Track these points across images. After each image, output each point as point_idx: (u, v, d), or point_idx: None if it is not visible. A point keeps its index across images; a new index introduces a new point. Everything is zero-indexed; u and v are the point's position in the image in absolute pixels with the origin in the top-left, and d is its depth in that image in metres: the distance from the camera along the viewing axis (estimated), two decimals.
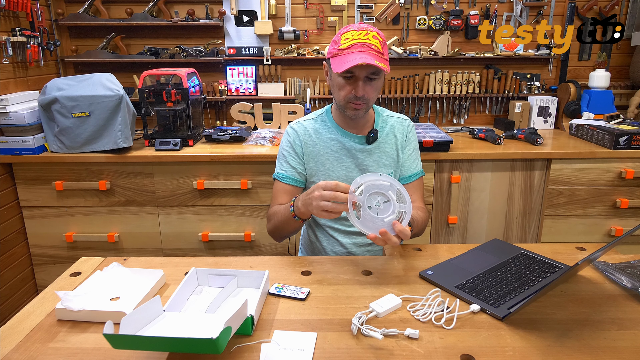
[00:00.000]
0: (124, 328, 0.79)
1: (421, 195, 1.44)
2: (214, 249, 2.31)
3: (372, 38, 1.22)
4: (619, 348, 0.84)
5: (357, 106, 1.28)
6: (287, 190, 1.39)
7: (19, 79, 2.28)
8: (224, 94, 2.69)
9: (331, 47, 1.29)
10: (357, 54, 1.20)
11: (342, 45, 1.23)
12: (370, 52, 1.20)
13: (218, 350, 0.73)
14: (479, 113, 2.81)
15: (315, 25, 2.66)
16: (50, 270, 2.34)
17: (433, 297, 0.97)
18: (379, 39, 1.23)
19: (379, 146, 1.40)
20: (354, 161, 1.39)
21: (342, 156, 1.39)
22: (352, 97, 1.26)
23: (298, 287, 1.04)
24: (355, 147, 1.39)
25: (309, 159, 1.40)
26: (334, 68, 1.24)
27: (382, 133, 1.41)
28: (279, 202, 1.36)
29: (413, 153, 1.44)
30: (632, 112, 2.58)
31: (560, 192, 2.23)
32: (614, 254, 1.21)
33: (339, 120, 1.40)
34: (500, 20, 2.66)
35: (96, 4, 2.53)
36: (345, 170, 1.39)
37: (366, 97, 1.26)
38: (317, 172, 1.40)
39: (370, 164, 1.39)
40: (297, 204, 1.17)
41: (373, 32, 1.24)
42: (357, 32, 1.23)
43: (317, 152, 1.39)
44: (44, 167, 2.18)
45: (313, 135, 1.41)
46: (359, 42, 1.21)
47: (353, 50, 1.21)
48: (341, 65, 1.20)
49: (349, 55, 1.21)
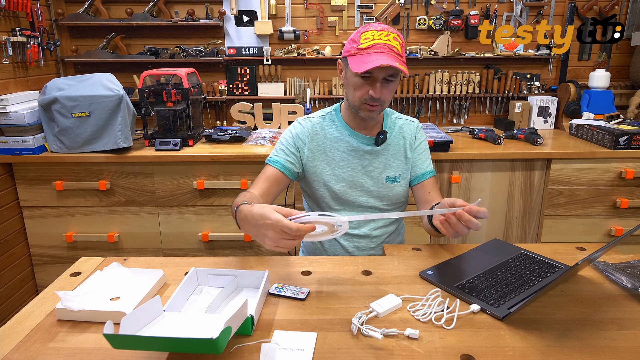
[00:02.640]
0: (124, 328, 0.79)
1: (439, 193, 1.40)
2: (214, 249, 2.31)
3: (392, 40, 1.19)
4: (619, 348, 0.84)
5: (372, 107, 1.26)
6: (274, 175, 1.32)
7: (19, 79, 2.28)
8: (224, 94, 2.69)
9: (349, 45, 1.25)
10: (379, 54, 1.17)
11: (362, 44, 1.20)
12: (390, 54, 1.18)
13: (218, 350, 0.73)
14: (479, 113, 2.81)
15: (315, 25, 2.66)
16: (50, 270, 2.34)
17: (433, 297, 0.97)
18: (399, 41, 1.21)
19: (387, 148, 1.38)
20: (360, 162, 1.37)
21: (349, 156, 1.37)
22: (368, 98, 1.24)
23: (298, 287, 1.04)
24: (363, 148, 1.36)
25: (314, 156, 1.37)
26: (352, 67, 1.20)
27: (391, 135, 1.39)
28: (257, 187, 1.30)
29: (424, 153, 1.41)
30: (632, 112, 2.58)
31: (560, 192, 2.23)
32: (614, 254, 1.21)
33: (349, 120, 1.37)
34: (500, 20, 2.66)
35: (96, 4, 2.53)
36: (352, 172, 1.37)
37: (382, 99, 1.24)
38: (322, 171, 1.37)
39: (377, 166, 1.37)
40: (243, 216, 1.02)
41: (394, 34, 1.21)
42: (378, 32, 1.20)
43: (323, 151, 1.37)
44: (44, 167, 2.18)
45: (320, 132, 1.38)
46: (380, 43, 1.18)
47: (374, 51, 1.18)
48: (361, 65, 1.17)
49: (369, 56, 1.18)
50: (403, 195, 1.41)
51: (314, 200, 1.44)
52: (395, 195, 1.39)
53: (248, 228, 1.00)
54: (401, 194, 1.40)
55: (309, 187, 1.42)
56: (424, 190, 1.38)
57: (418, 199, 1.41)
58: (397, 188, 1.39)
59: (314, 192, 1.40)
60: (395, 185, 1.39)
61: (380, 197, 1.39)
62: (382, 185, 1.38)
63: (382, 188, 1.38)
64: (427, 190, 1.38)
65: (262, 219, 0.93)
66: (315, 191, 1.40)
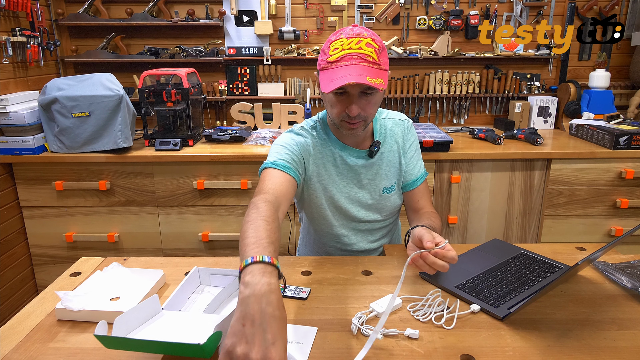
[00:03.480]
0: (117, 327, 0.79)
1: (429, 198, 1.34)
2: (214, 249, 2.31)
3: (365, 46, 1.05)
4: (619, 348, 0.84)
5: (353, 125, 1.13)
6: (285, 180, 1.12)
7: (19, 79, 2.28)
8: (224, 94, 2.69)
9: (320, 57, 1.12)
10: (349, 68, 1.03)
11: (331, 56, 1.06)
12: (363, 65, 1.04)
13: (206, 355, 0.72)
14: (479, 113, 2.81)
15: (315, 25, 2.66)
16: (50, 270, 2.34)
17: (433, 297, 0.97)
18: (373, 46, 1.05)
19: (381, 157, 1.29)
20: (355, 177, 1.28)
21: (343, 171, 1.27)
22: (345, 116, 1.11)
23: (299, 287, 1.04)
24: (357, 162, 1.26)
25: (315, 167, 1.26)
26: (322, 86, 1.07)
27: (383, 141, 1.29)
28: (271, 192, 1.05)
29: (415, 155, 1.33)
30: (632, 112, 2.58)
31: (560, 192, 2.23)
32: (614, 254, 1.21)
33: (336, 133, 1.26)
34: (500, 20, 2.66)
35: (96, 4, 2.53)
36: (347, 187, 1.28)
37: (364, 115, 1.11)
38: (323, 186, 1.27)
39: (371, 177, 1.28)
40: (247, 280, 0.71)
41: (366, 39, 1.06)
42: (348, 40, 1.05)
43: (323, 164, 1.26)
44: (44, 167, 2.18)
45: (319, 146, 1.26)
46: (350, 53, 1.04)
47: (343, 64, 1.04)
48: (329, 84, 1.04)
49: (338, 70, 1.04)
50: (399, 203, 1.36)
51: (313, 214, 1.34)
52: (392, 204, 1.34)
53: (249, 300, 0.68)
54: (398, 202, 1.35)
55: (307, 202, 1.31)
56: (413, 199, 1.33)
57: (407, 206, 1.36)
58: (393, 197, 1.33)
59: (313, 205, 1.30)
60: (392, 195, 1.32)
61: (378, 209, 1.32)
62: (380, 197, 1.31)
63: (380, 200, 1.31)
64: (417, 198, 1.32)
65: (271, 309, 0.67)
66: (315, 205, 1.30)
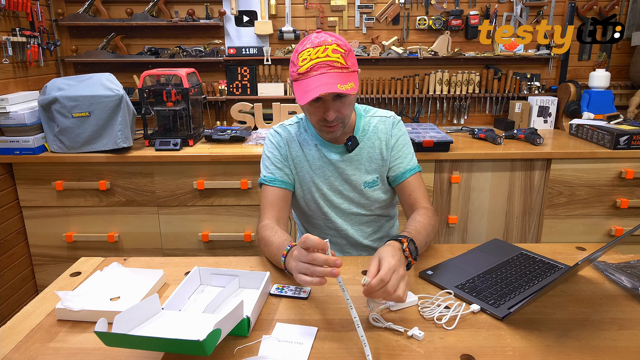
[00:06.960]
0: (117, 325, 0.79)
1: (424, 193, 1.29)
2: (214, 249, 2.31)
3: (332, 53, 1.09)
4: (619, 348, 0.84)
5: (332, 129, 1.19)
6: (278, 196, 1.27)
7: (19, 79, 2.28)
8: (224, 94, 2.69)
9: (290, 69, 1.15)
10: (319, 77, 1.08)
11: (300, 67, 1.11)
12: (332, 72, 1.09)
13: (206, 352, 0.73)
14: (479, 113, 2.81)
15: (315, 25, 2.66)
16: (50, 270, 2.34)
17: (443, 299, 0.97)
18: (339, 52, 1.10)
19: (361, 152, 1.30)
20: (336, 171, 1.31)
21: (324, 164, 1.31)
22: (324, 121, 1.17)
23: (299, 287, 1.04)
24: (335, 157, 1.30)
25: (294, 165, 1.32)
26: (297, 98, 1.11)
27: (365, 137, 1.31)
28: (269, 214, 1.24)
29: (403, 149, 1.31)
30: (632, 112, 2.58)
31: (560, 192, 2.23)
32: (614, 254, 1.21)
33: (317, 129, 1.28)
34: (500, 20, 2.66)
35: (96, 4, 2.53)
36: (329, 179, 1.32)
37: (340, 117, 1.17)
38: (303, 180, 1.33)
39: (352, 172, 1.31)
40: (289, 261, 0.99)
41: (332, 45, 1.10)
42: (315, 49, 1.09)
43: (301, 160, 1.32)
44: (44, 167, 2.18)
45: (298, 140, 1.32)
46: (319, 62, 1.09)
47: (314, 74, 1.09)
48: (303, 95, 1.09)
49: (310, 81, 1.09)
50: (385, 198, 1.35)
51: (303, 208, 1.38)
52: (377, 199, 1.34)
53: None
54: (382, 197, 1.34)
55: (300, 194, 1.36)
56: (405, 192, 1.30)
57: (401, 201, 1.34)
58: (376, 192, 1.33)
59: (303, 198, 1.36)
60: (374, 190, 1.33)
61: (361, 204, 1.34)
62: (362, 192, 1.32)
63: (362, 194, 1.33)
64: (409, 192, 1.29)
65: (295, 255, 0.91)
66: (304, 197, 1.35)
